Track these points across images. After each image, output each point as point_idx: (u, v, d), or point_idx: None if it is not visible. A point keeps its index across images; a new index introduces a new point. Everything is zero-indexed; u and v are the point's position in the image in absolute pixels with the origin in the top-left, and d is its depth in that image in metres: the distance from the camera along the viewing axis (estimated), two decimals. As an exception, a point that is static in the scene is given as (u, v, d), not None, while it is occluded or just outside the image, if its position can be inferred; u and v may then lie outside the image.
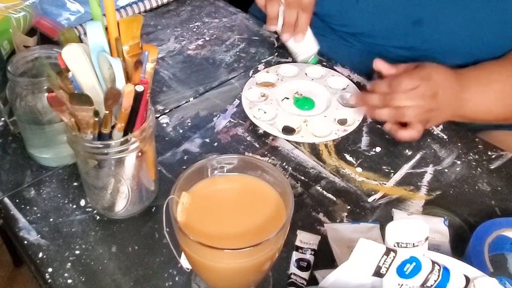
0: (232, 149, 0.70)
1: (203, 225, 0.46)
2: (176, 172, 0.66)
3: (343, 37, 0.90)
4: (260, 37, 0.94)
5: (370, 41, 0.87)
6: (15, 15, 0.81)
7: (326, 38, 0.91)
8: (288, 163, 0.68)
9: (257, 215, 0.47)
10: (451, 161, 0.70)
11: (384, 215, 0.62)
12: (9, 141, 0.70)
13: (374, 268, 0.41)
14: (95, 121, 0.50)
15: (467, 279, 0.42)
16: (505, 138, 0.82)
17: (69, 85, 0.50)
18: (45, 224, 0.59)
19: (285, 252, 0.56)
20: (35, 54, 0.64)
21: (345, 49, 0.90)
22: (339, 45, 0.90)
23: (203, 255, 0.44)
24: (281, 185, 0.48)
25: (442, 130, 0.74)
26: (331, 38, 0.90)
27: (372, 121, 0.75)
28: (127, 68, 0.51)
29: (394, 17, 0.81)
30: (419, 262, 0.41)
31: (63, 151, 0.65)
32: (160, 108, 0.77)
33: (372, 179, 0.67)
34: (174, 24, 0.97)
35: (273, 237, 0.42)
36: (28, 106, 0.61)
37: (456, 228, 0.61)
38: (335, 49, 0.90)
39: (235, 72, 0.85)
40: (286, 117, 0.74)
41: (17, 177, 0.65)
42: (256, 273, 0.48)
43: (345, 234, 0.58)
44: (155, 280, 0.54)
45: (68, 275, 0.54)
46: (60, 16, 0.92)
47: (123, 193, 0.57)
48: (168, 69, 0.85)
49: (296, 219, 0.61)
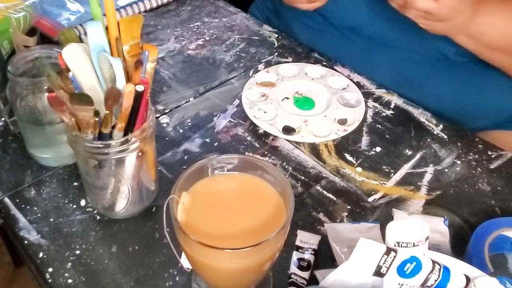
0: (232, 149, 0.70)
1: (203, 224, 0.46)
2: (176, 172, 0.66)
3: (344, 32, 0.90)
4: (260, 37, 0.94)
5: (369, 34, 0.86)
6: (15, 15, 0.80)
7: (327, 34, 0.91)
8: (288, 163, 0.68)
9: (258, 215, 0.47)
10: (451, 161, 0.70)
11: (384, 215, 0.62)
12: (9, 141, 0.70)
13: (375, 267, 0.41)
14: (96, 121, 0.50)
15: (468, 279, 0.42)
16: (505, 138, 0.82)
17: (70, 85, 0.50)
18: (46, 224, 0.59)
19: (285, 252, 0.56)
20: (35, 54, 0.64)
21: (346, 45, 0.90)
22: (340, 42, 0.90)
23: (203, 255, 0.44)
24: (281, 185, 0.48)
25: (442, 130, 0.75)
26: (332, 33, 0.90)
27: (372, 121, 0.75)
28: (128, 68, 0.51)
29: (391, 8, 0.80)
30: (420, 262, 0.41)
31: (63, 151, 0.65)
32: (160, 108, 0.77)
33: (372, 179, 0.67)
34: (174, 24, 0.97)
35: (273, 237, 0.42)
36: (28, 106, 0.61)
37: (456, 228, 0.61)
38: (336, 45, 0.89)
39: (235, 72, 0.85)
40: (286, 117, 0.74)
41: (17, 177, 0.65)
42: (256, 273, 0.48)
43: (345, 234, 0.58)
44: (156, 280, 0.54)
45: (68, 275, 0.54)
46: (60, 16, 0.92)
47: (123, 193, 0.57)
48: (168, 69, 0.85)
49: (296, 219, 0.61)
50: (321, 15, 0.90)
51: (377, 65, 0.87)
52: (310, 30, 0.93)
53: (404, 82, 0.86)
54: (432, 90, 0.85)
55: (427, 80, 0.85)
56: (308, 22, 0.93)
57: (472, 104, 0.84)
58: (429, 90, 0.85)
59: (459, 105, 0.84)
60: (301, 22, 0.94)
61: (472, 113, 0.85)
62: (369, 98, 0.79)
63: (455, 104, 0.85)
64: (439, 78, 0.85)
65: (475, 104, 0.84)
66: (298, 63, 0.86)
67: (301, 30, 0.95)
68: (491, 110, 0.85)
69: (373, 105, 0.78)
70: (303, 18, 0.94)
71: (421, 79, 0.85)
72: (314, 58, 0.88)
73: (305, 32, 0.94)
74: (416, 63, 0.85)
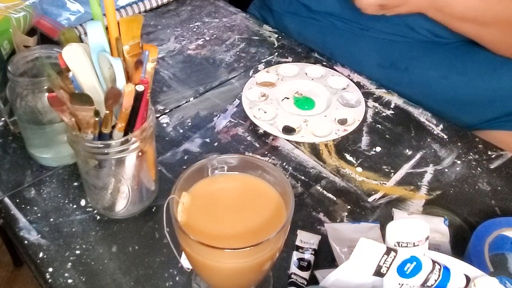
0: (232, 149, 0.70)
1: (203, 225, 0.46)
2: (176, 172, 0.66)
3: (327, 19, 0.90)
4: (260, 37, 0.94)
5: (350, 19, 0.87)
6: (15, 15, 0.80)
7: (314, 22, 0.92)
8: (288, 163, 0.68)
9: (258, 215, 0.47)
10: (451, 161, 0.70)
11: (384, 214, 0.62)
12: (9, 141, 0.70)
13: (375, 267, 0.41)
14: (96, 121, 0.50)
15: (468, 279, 0.42)
16: (505, 138, 0.83)
17: (70, 85, 0.50)
18: (46, 224, 0.59)
19: (285, 252, 0.56)
20: (35, 54, 0.64)
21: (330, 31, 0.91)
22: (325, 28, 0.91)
23: (203, 254, 0.44)
24: (281, 184, 0.48)
25: (442, 130, 0.75)
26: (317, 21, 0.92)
27: (372, 121, 0.75)
28: (128, 68, 0.51)
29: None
30: (420, 262, 0.41)
31: (63, 151, 0.65)
32: (160, 108, 0.77)
33: (372, 179, 0.67)
34: (174, 24, 0.97)
35: (274, 237, 0.42)
36: (28, 106, 0.61)
37: (456, 227, 0.61)
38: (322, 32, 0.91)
39: (235, 72, 0.85)
40: (286, 117, 0.74)
41: (17, 177, 0.65)
42: (256, 273, 0.48)
43: (345, 234, 0.58)
44: (156, 280, 0.54)
45: (68, 275, 0.54)
46: (60, 16, 0.92)
47: (123, 193, 0.57)
48: (168, 69, 0.85)
49: (297, 219, 0.61)
50: (303, 5, 0.92)
51: (362, 50, 0.88)
52: (298, 20, 0.95)
53: (390, 66, 0.86)
54: (418, 73, 0.86)
55: (413, 62, 0.86)
56: (295, 11, 0.95)
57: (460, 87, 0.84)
58: (416, 73, 0.86)
59: (447, 88, 0.84)
60: (290, 14, 0.96)
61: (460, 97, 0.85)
62: (369, 98, 0.79)
63: (442, 87, 0.85)
64: (425, 61, 0.85)
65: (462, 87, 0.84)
66: (298, 63, 0.86)
67: (291, 22, 0.97)
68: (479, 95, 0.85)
69: (373, 105, 0.78)
70: (290, 9, 0.96)
71: (407, 62, 0.86)
72: (314, 58, 0.88)
73: (294, 23, 0.96)
74: (400, 46, 0.86)
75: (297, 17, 0.95)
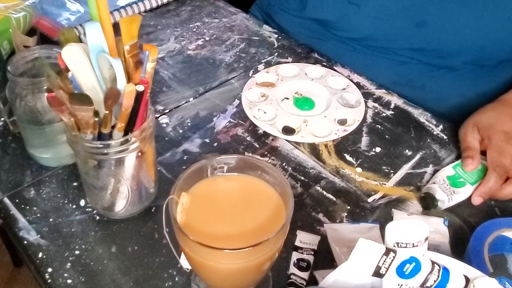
0: (232, 149, 0.70)
1: (202, 225, 0.46)
2: (176, 172, 0.66)
3: (345, 41, 0.89)
4: (260, 37, 0.94)
5: (373, 44, 0.87)
6: (15, 15, 0.80)
7: (326, 42, 0.91)
8: (288, 163, 0.68)
9: (257, 215, 0.47)
10: (451, 161, 0.69)
11: (384, 215, 0.62)
12: (9, 141, 0.70)
13: (374, 268, 0.41)
14: (95, 121, 0.50)
15: (467, 279, 0.42)
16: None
17: (69, 85, 0.50)
18: (45, 224, 0.59)
19: (285, 252, 0.56)
20: (35, 54, 0.64)
21: (347, 52, 0.90)
22: (340, 49, 0.90)
23: (203, 255, 0.44)
24: (281, 185, 0.48)
25: (442, 130, 0.74)
26: (331, 42, 0.90)
27: (372, 121, 0.75)
28: (128, 68, 0.51)
29: (397, 20, 0.81)
30: (419, 262, 0.41)
31: (63, 151, 0.65)
32: (160, 108, 0.77)
33: (372, 179, 0.67)
34: (174, 24, 0.97)
35: (273, 237, 0.42)
36: (28, 106, 0.61)
37: (456, 228, 0.61)
38: (336, 51, 0.89)
39: (235, 72, 0.85)
40: (286, 117, 0.74)
41: (17, 177, 0.65)
42: (256, 273, 0.48)
43: (345, 234, 0.58)
44: (155, 280, 0.54)
45: (67, 275, 0.54)
46: (60, 16, 0.92)
47: (123, 193, 0.57)
48: (168, 69, 0.85)
49: (296, 219, 0.61)
50: (322, 26, 0.90)
51: (378, 69, 0.87)
52: (308, 38, 0.93)
53: (406, 83, 0.86)
54: (434, 91, 0.85)
55: (429, 81, 0.85)
56: (306, 32, 0.93)
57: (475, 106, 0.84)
58: (432, 91, 0.85)
59: (462, 106, 0.84)
60: (299, 32, 0.95)
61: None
62: (369, 99, 0.79)
63: (458, 105, 0.85)
64: (441, 80, 0.85)
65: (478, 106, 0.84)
66: (298, 63, 0.86)
67: (298, 37, 0.95)
68: None
69: (373, 105, 0.78)
70: (300, 28, 0.94)
71: (423, 80, 0.85)
72: (314, 58, 0.88)
73: (302, 39, 0.94)
74: (418, 66, 0.85)
75: (306, 36, 0.93)
